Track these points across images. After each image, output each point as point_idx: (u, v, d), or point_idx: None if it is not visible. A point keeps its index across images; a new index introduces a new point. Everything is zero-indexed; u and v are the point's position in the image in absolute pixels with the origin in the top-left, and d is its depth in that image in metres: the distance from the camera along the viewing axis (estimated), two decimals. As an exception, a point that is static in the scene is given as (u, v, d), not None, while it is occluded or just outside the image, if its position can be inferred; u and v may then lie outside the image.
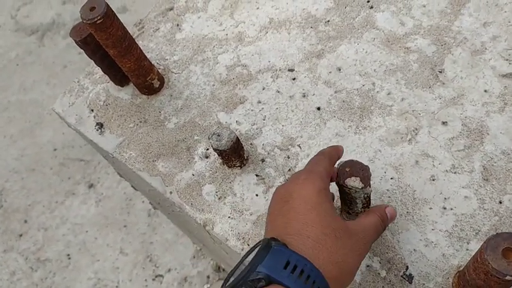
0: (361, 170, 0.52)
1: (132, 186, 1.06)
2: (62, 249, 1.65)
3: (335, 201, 0.61)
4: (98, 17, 0.59)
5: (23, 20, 2.19)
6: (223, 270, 1.52)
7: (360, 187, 0.51)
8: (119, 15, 0.64)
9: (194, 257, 1.58)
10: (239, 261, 0.46)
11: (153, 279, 1.55)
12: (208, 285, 1.52)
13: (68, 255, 1.64)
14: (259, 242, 0.46)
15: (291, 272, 0.42)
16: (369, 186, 0.52)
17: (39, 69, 2.03)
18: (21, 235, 1.70)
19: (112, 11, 0.61)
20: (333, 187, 0.62)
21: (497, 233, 0.42)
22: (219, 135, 0.61)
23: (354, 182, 0.51)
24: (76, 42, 0.66)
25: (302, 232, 0.45)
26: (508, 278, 0.40)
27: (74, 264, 1.62)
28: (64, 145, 1.84)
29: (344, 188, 0.52)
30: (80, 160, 1.80)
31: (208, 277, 1.53)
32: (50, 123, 1.89)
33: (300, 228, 0.45)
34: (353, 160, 0.52)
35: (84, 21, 0.60)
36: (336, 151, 0.55)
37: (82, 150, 1.81)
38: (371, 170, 0.61)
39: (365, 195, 0.53)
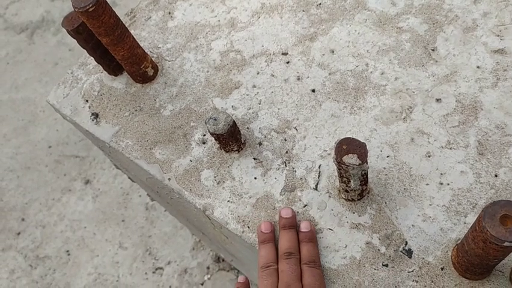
0: (358, 147, 0.52)
1: (129, 178, 1.06)
2: (61, 245, 1.65)
3: (333, 180, 0.62)
4: (90, 5, 0.59)
5: (12, 18, 2.17)
6: (223, 260, 1.53)
7: (357, 164, 0.51)
8: (110, 4, 0.63)
9: (193, 249, 1.58)
10: None
11: (153, 272, 1.56)
12: (209, 276, 1.53)
13: (67, 251, 1.64)
14: None
15: None
16: (367, 163, 0.53)
17: (30, 67, 2.02)
18: (19, 233, 1.70)
19: (104, -2, 0.61)
20: (332, 165, 0.62)
21: (494, 201, 0.42)
22: (215, 119, 0.61)
23: (351, 159, 0.51)
24: (68, 32, 0.66)
25: None
26: (506, 244, 0.41)
27: (74, 260, 1.62)
28: (58, 142, 1.83)
29: (341, 165, 0.52)
30: (75, 156, 1.80)
31: (208, 268, 1.54)
32: (43, 121, 1.88)
33: None
34: (350, 138, 0.53)
35: (76, 10, 0.60)
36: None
37: (77, 146, 1.80)
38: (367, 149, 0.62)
39: (363, 172, 0.53)
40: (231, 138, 0.63)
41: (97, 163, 1.76)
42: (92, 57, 0.72)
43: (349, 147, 0.52)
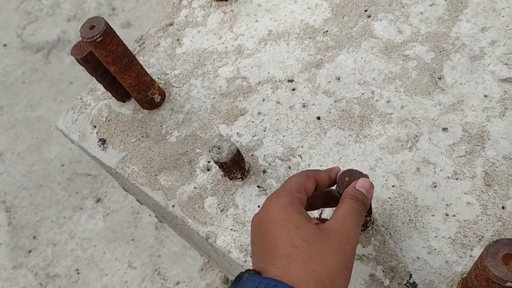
0: (360, 179, 0.52)
1: (137, 200, 1.07)
2: (71, 264, 1.66)
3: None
4: (98, 35, 0.60)
5: (28, 38, 2.22)
6: (231, 281, 1.52)
7: (359, 196, 0.51)
8: (123, 30, 0.65)
9: (202, 269, 1.57)
10: None
11: (162, 293, 1.55)
12: (217, 297, 1.52)
13: (77, 270, 1.64)
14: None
15: None
16: (369, 195, 0.52)
17: (45, 86, 2.06)
18: (30, 251, 1.71)
19: (111, 28, 0.62)
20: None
21: (497, 239, 0.42)
22: (219, 148, 0.61)
23: (353, 192, 0.51)
24: (77, 60, 0.67)
25: (273, 253, 0.44)
26: (508, 284, 0.40)
27: (83, 279, 1.62)
28: (71, 160, 1.85)
29: (343, 197, 0.51)
30: (87, 175, 1.81)
31: (216, 289, 1.53)
32: (57, 139, 1.90)
33: (270, 251, 0.45)
34: (352, 169, 0.52)
35: (84, 40, 0.61)
36: (319, 170, 0.54)
37: (89, 165, 1.82)
38: (372, 179, 0.61)
39: (365, 204, 0.52)
40: (235, 167, 0.63)
41: (108, 182, 1.78)
42: (100, 84, 0.73)
43: (351, 179, 0.52)
